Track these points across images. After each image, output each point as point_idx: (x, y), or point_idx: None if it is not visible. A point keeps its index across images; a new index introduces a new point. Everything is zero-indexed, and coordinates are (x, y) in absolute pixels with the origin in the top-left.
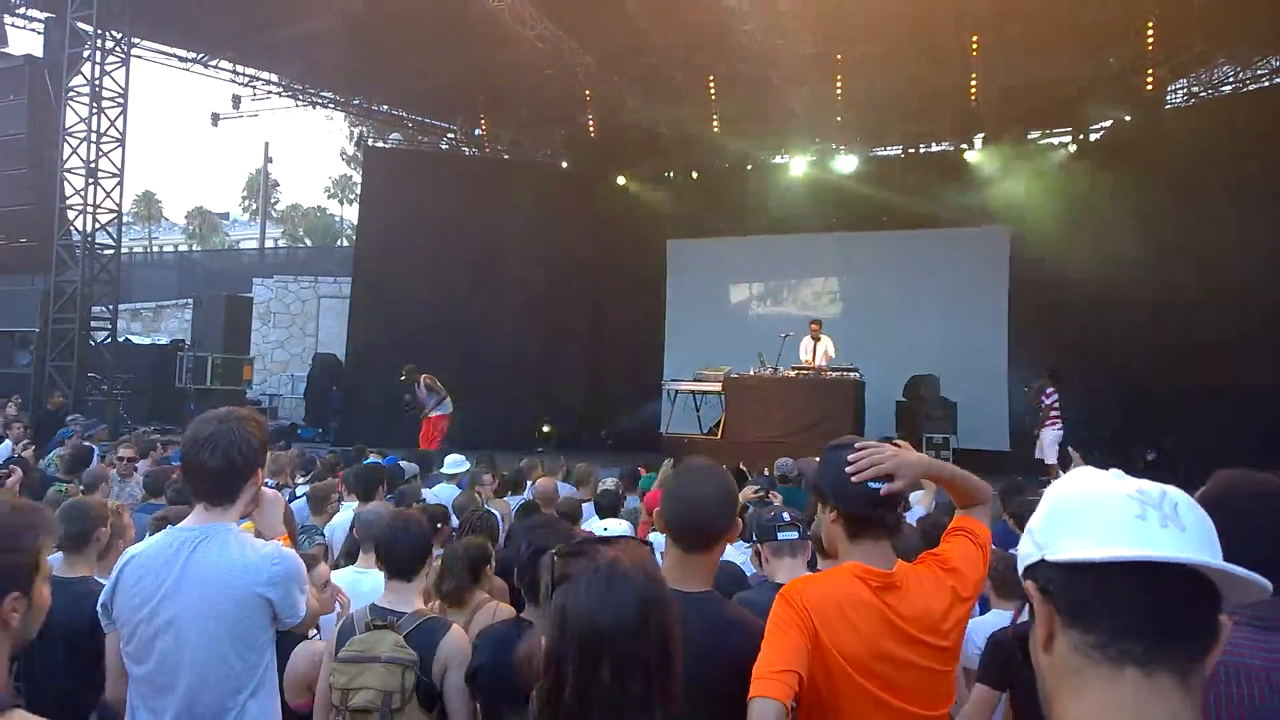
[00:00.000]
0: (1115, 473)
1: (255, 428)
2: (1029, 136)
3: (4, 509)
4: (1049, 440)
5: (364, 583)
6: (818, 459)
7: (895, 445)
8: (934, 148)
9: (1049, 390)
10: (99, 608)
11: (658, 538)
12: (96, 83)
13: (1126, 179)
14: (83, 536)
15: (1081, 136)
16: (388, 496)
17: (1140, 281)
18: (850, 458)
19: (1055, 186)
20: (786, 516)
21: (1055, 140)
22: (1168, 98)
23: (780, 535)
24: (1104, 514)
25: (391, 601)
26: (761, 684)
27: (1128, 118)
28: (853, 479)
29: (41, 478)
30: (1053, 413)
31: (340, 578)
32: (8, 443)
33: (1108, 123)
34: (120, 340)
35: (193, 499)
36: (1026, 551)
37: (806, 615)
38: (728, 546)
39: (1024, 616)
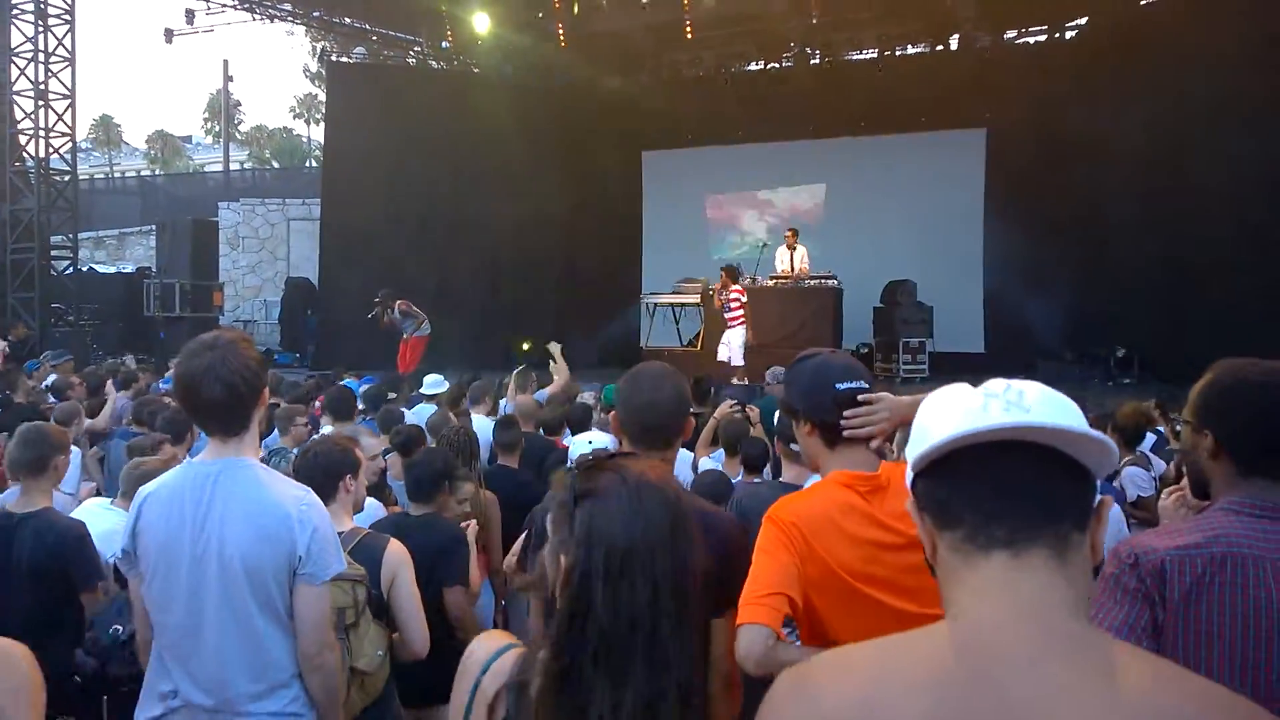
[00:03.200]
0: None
1: (248, 347)
2: (1005, 36)
3: None
4: (736, 342)
5: None
6: (781, 383)
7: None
8: (910, 50)
9: (736, 289)
10: (119, 552)
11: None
12: None
13: (1104, 77)
14: (40, 463)
15: (1057, 35)
16: (366, 420)
17: (1118, 180)
18: (848, 414)
19: (1031, 86)
20: None
21: (1031, 40)
22: None
23: (794, 446)
24: (948, 416)
25: None
26: (749, 610)
27: (1104, 14)
28: (843, 430)
29: (21, 413)
30: (739, 313)
31: None
32: None
33: (1084, 20)
34: (84, 270)
35: (206, 434)
36: (907, 475)
37: (796, 532)
38: (706, 456)
39: None
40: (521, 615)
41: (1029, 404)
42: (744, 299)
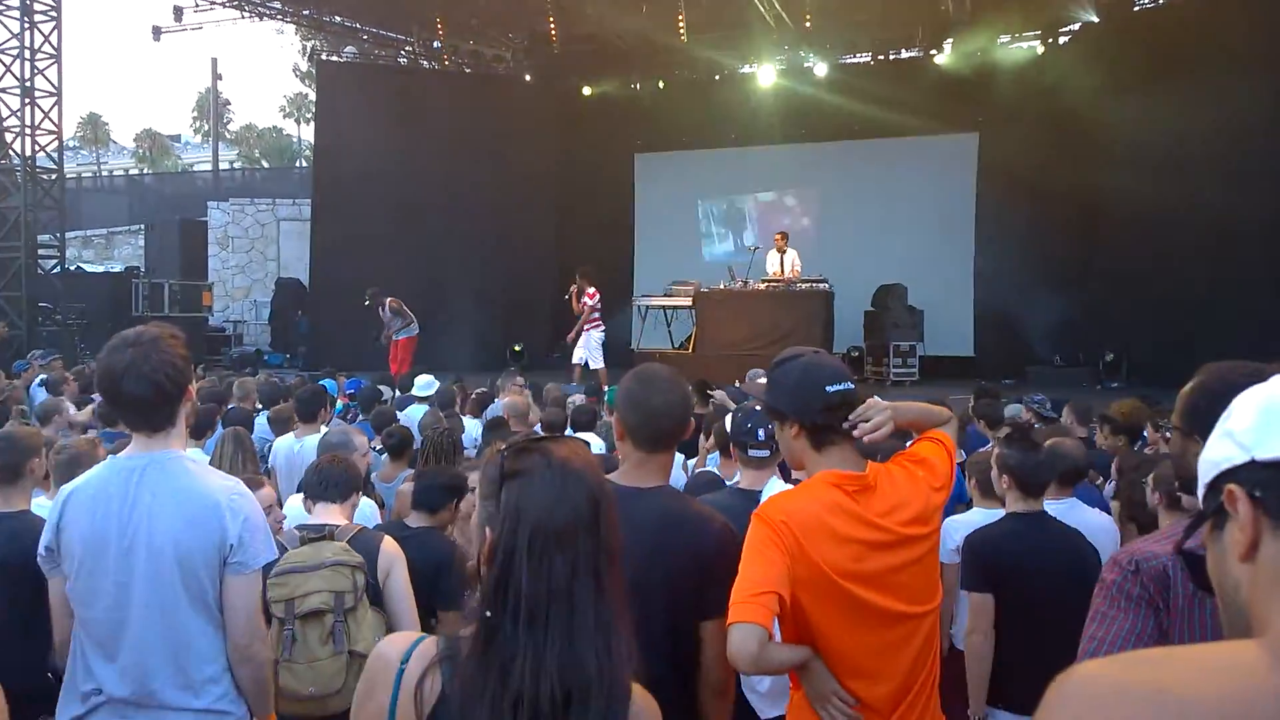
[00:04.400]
0: None
1: (174, 343)
2: (999, 41)
3: None
4: (593, 343)
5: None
6: (762, 380)
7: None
8: (904, 54)
9: (591, 292)
10: (42, 550)
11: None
12: None
13: (1096, 82)
14: (13, 468)
15: (1051, 40)
16: (360, 421)
17: (1109, 185)
18: (853, 416)
19: (1024, 91)
20: (762, 434)
21: (1025, 44)
22: None
23: (751, 453)
24: None
25: (321, 519)
26: (740, 609)
27: (1096, 19)
28: (850, 431)
29: None
30: (595, 314)
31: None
32: None
33: (1076, 25)
34: (72, 269)
35: (130, 431)
36: (1226, 454)
37: (787, 531)
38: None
39: (1193, 540)
40: None
41: None
42: (594, 302)
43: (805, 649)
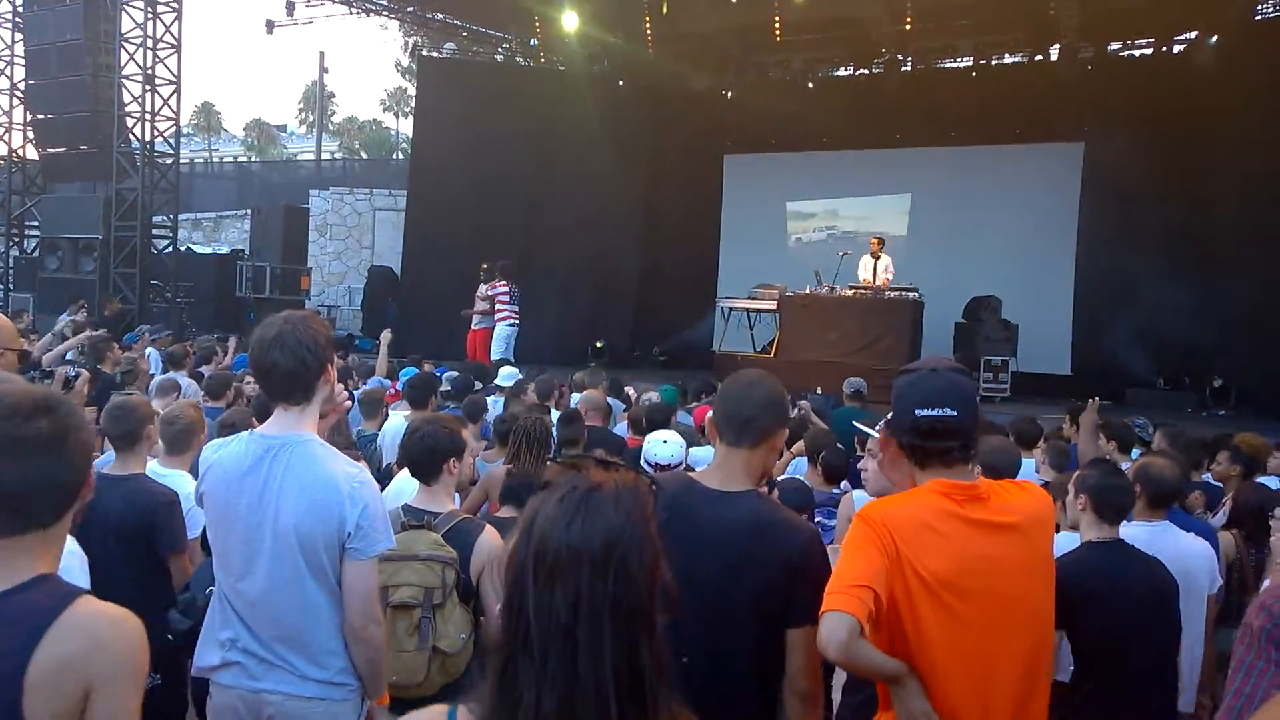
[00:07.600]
0: None
1: (320, 326)
2: (1110, 48)
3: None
4: (501, 336)
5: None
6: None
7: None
8: (1006, 59)
9: (502, 284)
10: (196, 498)
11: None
12: None
13: (1212, 93)
14: (131, 435)
15: (1164, 49)
16: (448, 407)
17: (1224, 202)
18: None
19: (1135, 101)
20: None
21: (1136, 53)
22: (1258, 8)
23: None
24: None
25: (424, 503)
26: (834, 598)
27: (1215, 27)
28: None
29: (106, 381)
30: (503, 308)
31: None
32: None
33: (1192, 34)
34: (182, 249)
35: (269, 401)
36: None
37: (887, 534)
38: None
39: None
40: None
41: None
42: (507, 291)
43: (900, 662)
